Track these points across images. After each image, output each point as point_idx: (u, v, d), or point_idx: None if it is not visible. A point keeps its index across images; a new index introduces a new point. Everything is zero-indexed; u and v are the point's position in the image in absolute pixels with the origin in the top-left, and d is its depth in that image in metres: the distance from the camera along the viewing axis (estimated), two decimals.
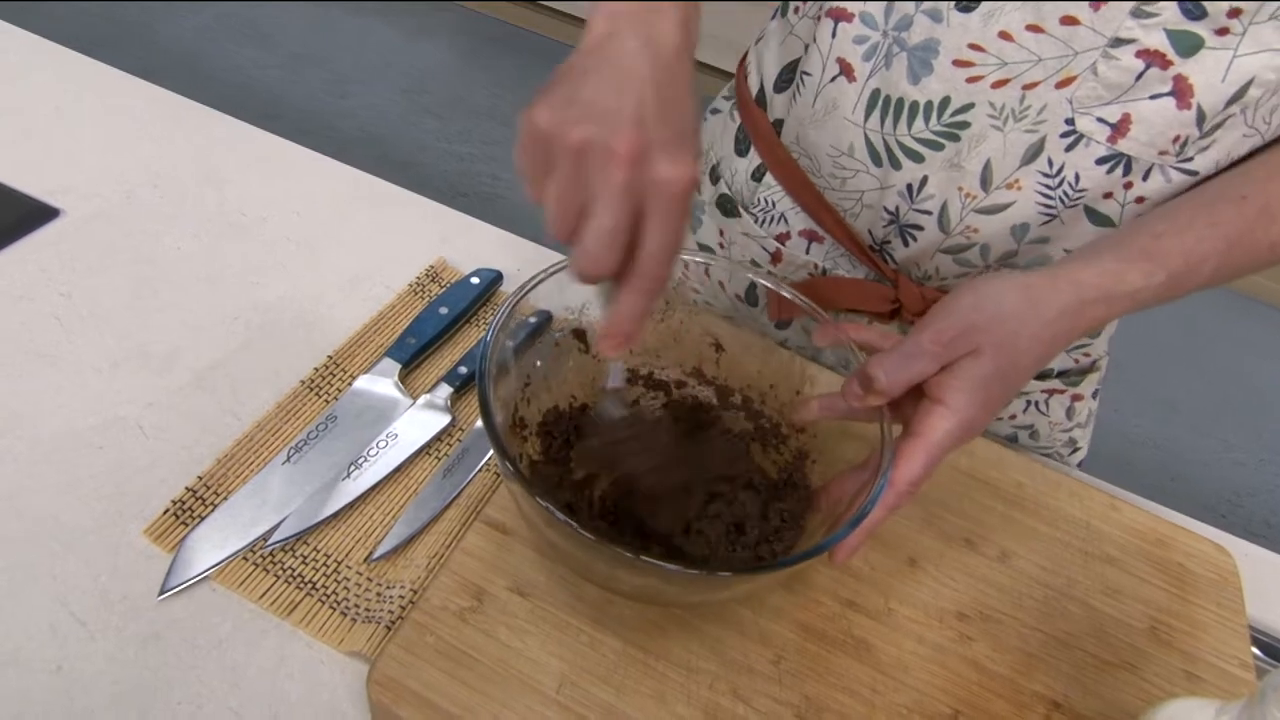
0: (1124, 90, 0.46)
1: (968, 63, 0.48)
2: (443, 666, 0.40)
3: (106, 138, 0.72)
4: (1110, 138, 0.48)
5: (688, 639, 0.43)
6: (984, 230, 0.53)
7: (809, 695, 0.42)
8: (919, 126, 0.51)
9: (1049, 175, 0.50)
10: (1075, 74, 0.47)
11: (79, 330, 0.57)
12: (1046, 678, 0.46)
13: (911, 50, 0.50)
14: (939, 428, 0.40)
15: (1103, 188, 0.50)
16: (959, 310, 0.41)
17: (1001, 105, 0.49)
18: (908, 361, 0.41)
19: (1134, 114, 0.47)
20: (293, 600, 0.46)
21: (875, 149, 0.54)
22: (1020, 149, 0.50)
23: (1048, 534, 0.53)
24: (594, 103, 0.32)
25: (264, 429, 0.53)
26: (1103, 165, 0.49)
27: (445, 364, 0.59)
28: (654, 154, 0.32)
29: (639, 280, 0.34)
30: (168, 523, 0.48)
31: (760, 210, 0.63)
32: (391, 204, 0.73)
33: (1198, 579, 0.53)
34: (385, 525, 0.50)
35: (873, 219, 0.57)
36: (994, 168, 0.51)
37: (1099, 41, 0.45)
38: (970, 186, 0.52)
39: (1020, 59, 0.47)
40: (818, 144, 0.57)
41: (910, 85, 0.50)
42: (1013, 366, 0.41)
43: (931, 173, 0.52)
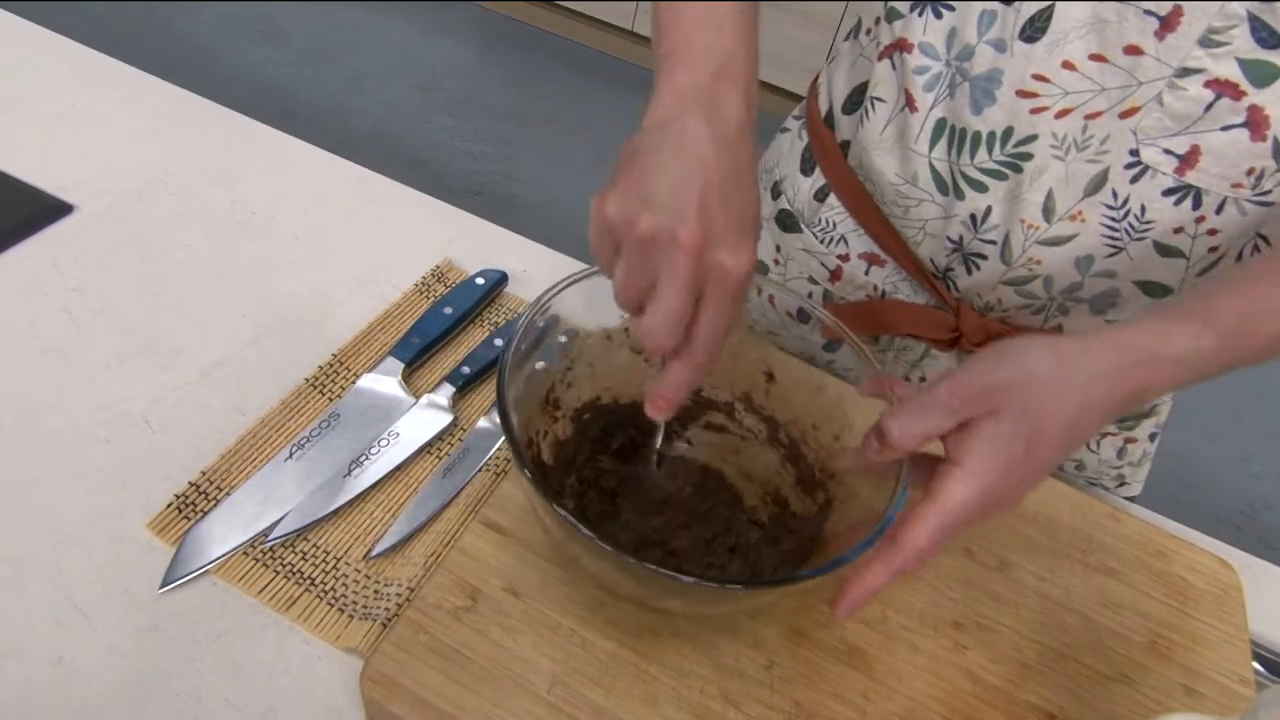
0: (1192, 121, 0.45)
1: (1031, 93, 0.48)
2: (436, 664, 0.40)
3: (120, 135, 0.73)
4: (1178, 169, 0.46)
5: (680, 643, 0.43)
6: (1047, 262, 0.52)
7: (800, 701, 0.42)
8: (982, 156, 0.51)
9: (1113, 207, 0.49)
10: (1140, 104, 0.45)
11: (88, 325, 0.58)
12: (1041, 689, 0.46)
13: (974, 80, 0.49)
14: (954, 492, 0.38)
15: (1172, 221, 0.48)
16: (981, 367, 0.39)
17: (1064, 135, 0.48)
18: (922, 414, 0.38)
19: (1203, 145, 0.45)
20: (292, 596, 0.46)
21: (941, 177, 0.53)
22: (1083, 180, 0.49)
23: (1047, 544, 0.53)
24: (660, 193, 0.35)
25: (268, 425, 0.54)
26: (1170, 197, 0.47)
27: (449, 364, 0.59)
28: (716, 244, 0.35)
29: (692, 356, 0.37)
30: (170, 516, 0.48)
31: (821, 230, 0.63)
32: (399, 203, 0.73)
33: (1199, 593, 0.52)
34: (385, 523, 0.50)
35: (935, 247, 0.57)
36: (1056, 198, 0.50)
37: (1165, 72, 0.44)
38: (1032, 218, 0.51)
39: (1083, 89, 0.46)
40: (882, 171, 0.56)
41: (973, 115, 0.50)
42: (1037, 432, 0.38)
43: (995, 203, 0.52)
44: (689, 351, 0.37)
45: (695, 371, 0.37)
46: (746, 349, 0.51)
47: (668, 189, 0.34)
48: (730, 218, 0.35)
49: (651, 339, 0.36)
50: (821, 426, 0.49)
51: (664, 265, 0.34)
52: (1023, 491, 0.39)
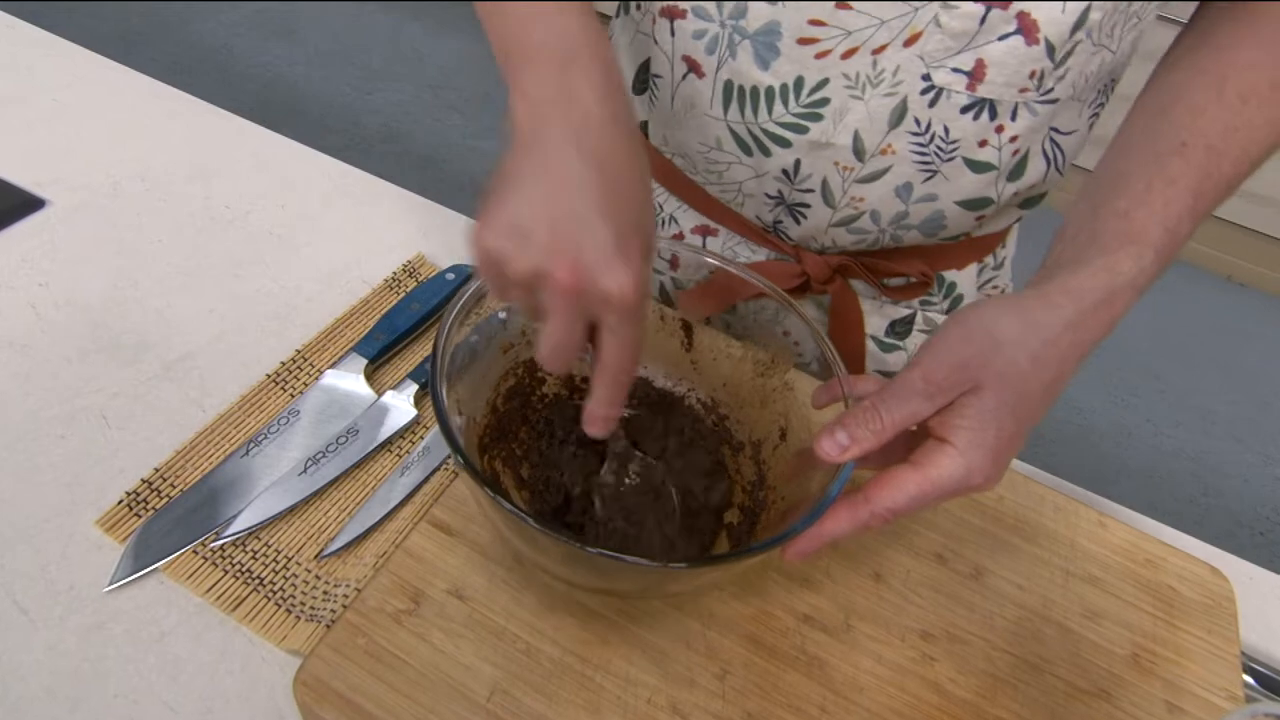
0: (971, 37, 0.45)
1: (812, 39, 0.47)
2: (371, 669, 0.39)
3: (98, 130, 0.72)
4: (969, 85, 0.47)
5: (629, 650, 0.42)
6: (869, 198, 0.53)
7: (751, 712, 0.40)
8: (779, 111, 0.50)
9: (918, 134, 0.49)
10: (920, 29, 0.45)
11: (53, 319, 0.57)
12: (1012, 703, 0.43)
13: (754, 36, 0.48)
14: (945, 467, 0.37)
15: (975, 135, 0.49)
16: (948, 345, 0.38)
17: (856, 74, 0.47)
18: (902, 400, 0.38)
19: (987, 58, 0.46)
20: (239, 596, 0.45)
21: (741, 139, 0.52)
22: (884, 114, 0.49)
23: (1027, 551, 0.50)
24: (527, 229, 0.33)
25: (226, 421, 0.53)
26: (968, 114, 0.48)
27: (415, 360, 0.58)
28: (592, 273, 0.33)
29: (604, 376, 0.36)
30: (121, 514, 0.48)
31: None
32: (376, 198, 0.72)
33: (1188, 603, 0.50)
34: (340, 522, 0.49)
35: (758, 206, 0.57)
36: (863, 138, 0.50)
37: None
38: (845, 160, 0.51)
39: (863, 25, 0.46)
40: (686, 142, 0.56)
41: (760, 71, 0.49)
42: (1020, 398, 0.38)
43: (803, 155, 0.51)
44: (600, 372, 0.36)
45: (613, 389, 0.37)
46: (780, 397, 0.48)
47: (534, 224, 0.33)
48: (601, 241, 0.33)
49: (547, 366, 0.36)
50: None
51: (549, 300, 0.34)
52: (1008, 463, 0.39)
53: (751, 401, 0.49)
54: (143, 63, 0.80)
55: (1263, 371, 2.17)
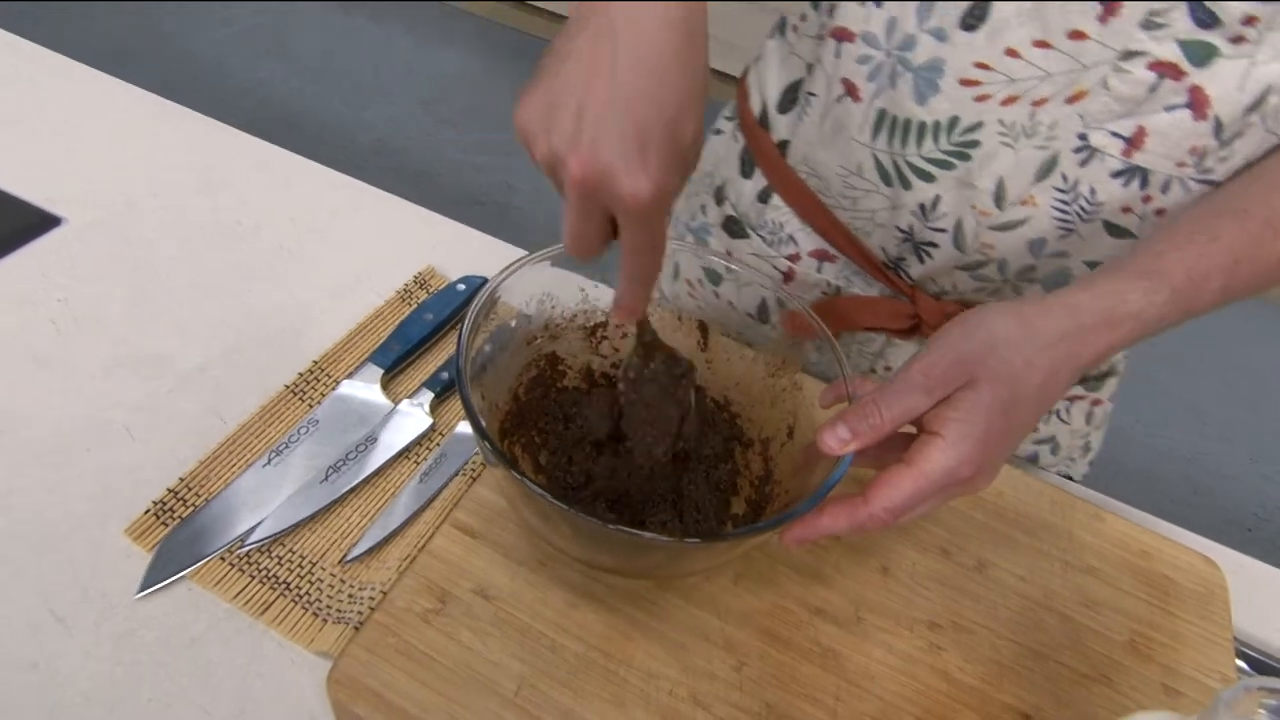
0: (1138, 104, 0.45)
1: (975, 81, 0.47)
2: (403, 667, 0.40)
3: (109, 148, 0.74)
4: (1125, 151, 0.47)
5: (650, 644, 0.43)
6: (1000, 247, 0.52)
7: (770, 702, 0.42)
8: (928, 146, 0.50)
9: (1064, 191, 0.49)
10: (1086, 89, 0.46)
11: (74, 335, 0.58)
12: (1018, 689, 0.45)
13: (917, 70, 0.49)
14: (934, 459, 0.38)
15: (1120, 201, 0.48)
16: (948, 343, 0.40)
17: (1012, 123, 0.48)
18: (901, 395, 0.39)
19: (1149, 127, 0.46)
20: (266, 600, 0.47)
21: (885, 169, 0.53)
22: (1033, 165, 0.49)
23: (1027, 544, 0.52)
24: (558, 110, 0.33)
25: (247, 432, 0.54)
26: (1118, 179, 0.48)
27: (429, 369, 0.60)
28: (611, 171, 0.32)
29: (626, 267, 0.37)
30: (148, 523, 0.49)
31: (768, 232, 0.63)
32: (385, 211, 0.74)
33: (1182, 591, 0.52)
34: (361, 528, 0.51)
35: (886, 237, 0.57)
36: (1007, 185, 0.50)
37: (1108, 55, 0.44)
38: (984, 204, 0.51)
39: (1028, 75, 0.46)
40: (827, 164, 0.56)
41: (917, 105, 0.50)
42: (1013, 398, 0.39)
43: (944, 192, 0.52)
44: (623, 266, 0.37)
45: (636, 284, 0.38)
46: (789, 396, 0.50)
47: (562, 108, 0.32)
48: (624, 139, 0.32)
49: (567, 250, 0.36)
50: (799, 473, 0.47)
51: (562, 183, 0.34)
52: (999, 463, 0.40)
53: (762, 400, 0.51)
54: (134, 80, 0.80)
55: (1250, 373, 2.20)
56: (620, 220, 0.34)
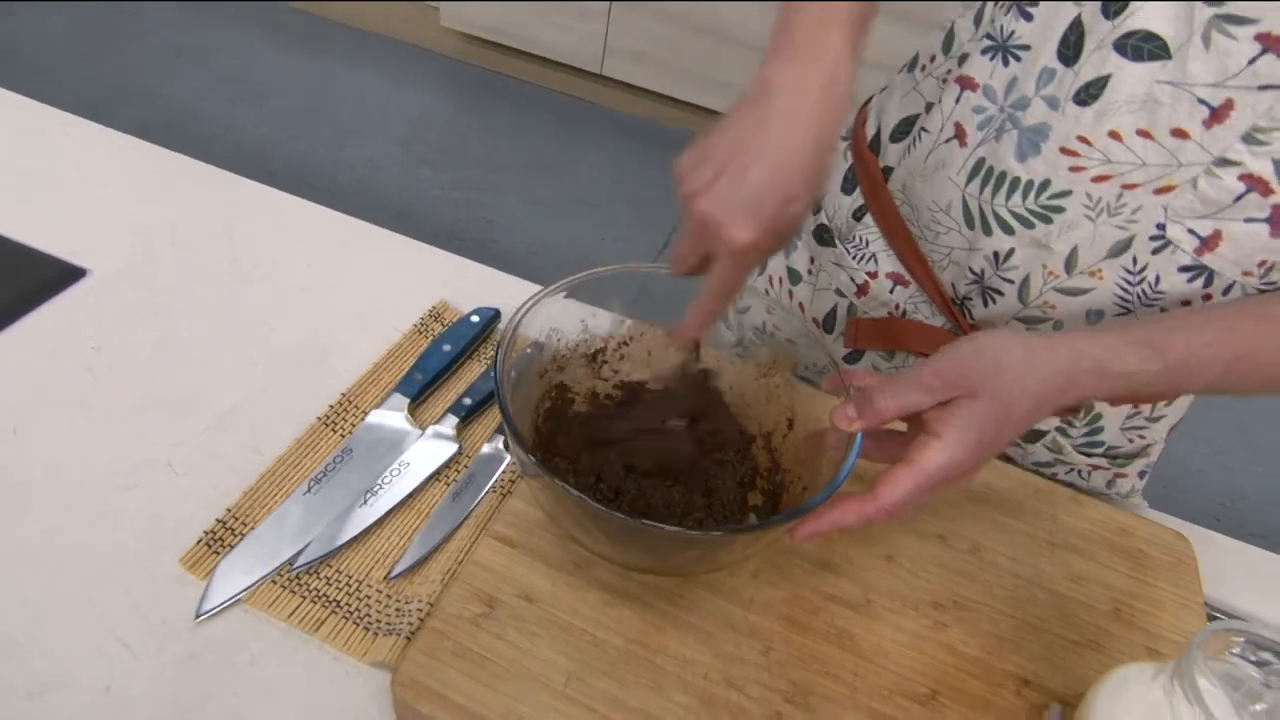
0: (1220, 208, 0.48)
1: (1074, 152, 0.51)
2: (460, 667, 0.44)
3: (123, 199, 0.77)
4: (1198, 250, 0.50)
5: (683, 635, 0.47)
6: (1060, 308, 0.56)
7: (795, 681, 0.46)
8: (1016, 201, 0.54)
9: (1131, 272, 0.52)
10: (1175, 184, 0.48)
11: (108, 379, 0.61)
12: (1017, 658, 0.49)
13: (1024, 130, 0.52)
14: (931, 458, 0.43)
15: (1182, 295, 0.52)
16: (960, 354, 0.44)
17: (1098, 198, 0.51)
18: (907, 390, 0.44)
19: (1225, 232, 0.49)
20: (319, 618, 0.50)
21: (970, 212, 0.57)
22: (1108, 242, 0.52)
23: (1015, 528, 0.57)
24: (705, 162, 0.44)
25: (285, 463, 0.57)
26: (1185, 274, 0.51)
27: (451, 396, 0.63)
28: (725, 219, 0.42)
29: (703, 295, 0.45)
30: (200, 552, 0.52)
31: (854, 246, 0.67)
32: (393, 250, 0.78)
33: (1157, 563, 0.57)
34: (401, 546, 0.54)
35: (958, 275, 0.60)
36: (1080, 254, 0.53)
37: (1205, 158, 0.47)
38: (1054, 266, 0.54)
39: (1125, 160, 0.49)
40: (921, 196, 0.60)
41: (1016, 161, 0.53)
42: (1005, 415, 0.43)
43: (1019, 246, 0.55)
44: (703, 290, 0.45)
45: (701, 316, 0.46)
46: (782, 393, 0.55)
47: (711, 161, 0.43)
48: (749, 194, 0.42)
49: (669, 261, 0.47)
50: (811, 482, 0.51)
51: (682, 217, 0.44)
52: (986, 459, 0.45)
53: (757, 399, 0.56)
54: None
55: None
56: (717, 255, 0.43)
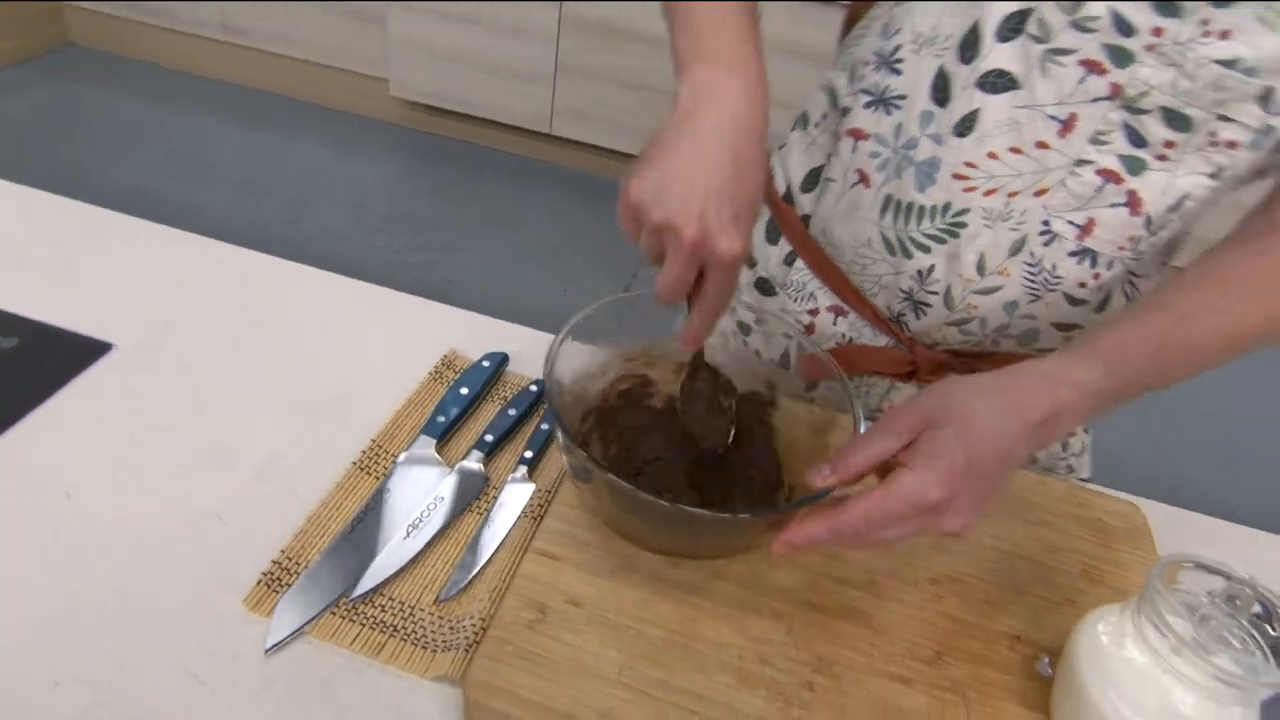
0: (1088, 200, 0.58)
1: (964, 176, 0.60)
2: (523, 667, 0.48)
3: (135, 276, 0.81)
4: (1078, 236, 0.59)
5: (715, 623, 0.53)
6: (982, 307, 0.65)
7: (819, 654, 0.52)
8: (925, 225, 0.63)
9: (1031, 265, 0.61)
10: (1049, 186, 0.58)
11: (149, 442, 0.65)
12: (1007, 619, 0.56)
13: (918, 165, 0.61)
14: (901, 481, 0.45)
15: (1076, 277, 0.61)
16: (919, 399, 0.49)
17: (991, 209, 0.60)
18: (876, 440, 0.47)
19: (1097, 218, 0.58)
20: (379, 642, 0.54)
21: (890, 242, 0.65)
22: (1007, 244, 0.61)
23: (993, 510, 0.64)
24: (670, 189, 0.45)
25: (328, 506, 0.62)
26: (1073, 258, 0.60)
27: (473, 435, 0.69)
28: (712, 235, 0.45)
29: (701, 309, 0.49)
30: (261, 592, 0.56)
31: (793, 290, 0.75)
32: (396, 307, 0.83)
33: (1116, 530, 0.64)
34: (446, 572, 0.58)
35: (890, 297, 0.69)
36: (987, 259, 0.62)
37: (1066, 161, 0.57)
38: (968, 273, 0.63)
39: (1004, 174, 0.59)
40: (841, 236, 0.68)
41: (917, 193, 0.62)
42: (975, 445, 0.45)
43: (937, 262, 0.64)
44: (699, 305, 0.49)
45: (707, 319, 0.50)
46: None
47: (678, 188, 0.45)
48: (725, 209, 0.45)
49: (662, 296, 0.48)
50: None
51: (671, 247, 0.46)
52: (974, 502, 0.46)
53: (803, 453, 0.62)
54: None
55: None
56: (711, 271, 0.47)
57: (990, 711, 0.51)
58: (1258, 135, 0.53)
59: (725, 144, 0.46)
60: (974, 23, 0.57)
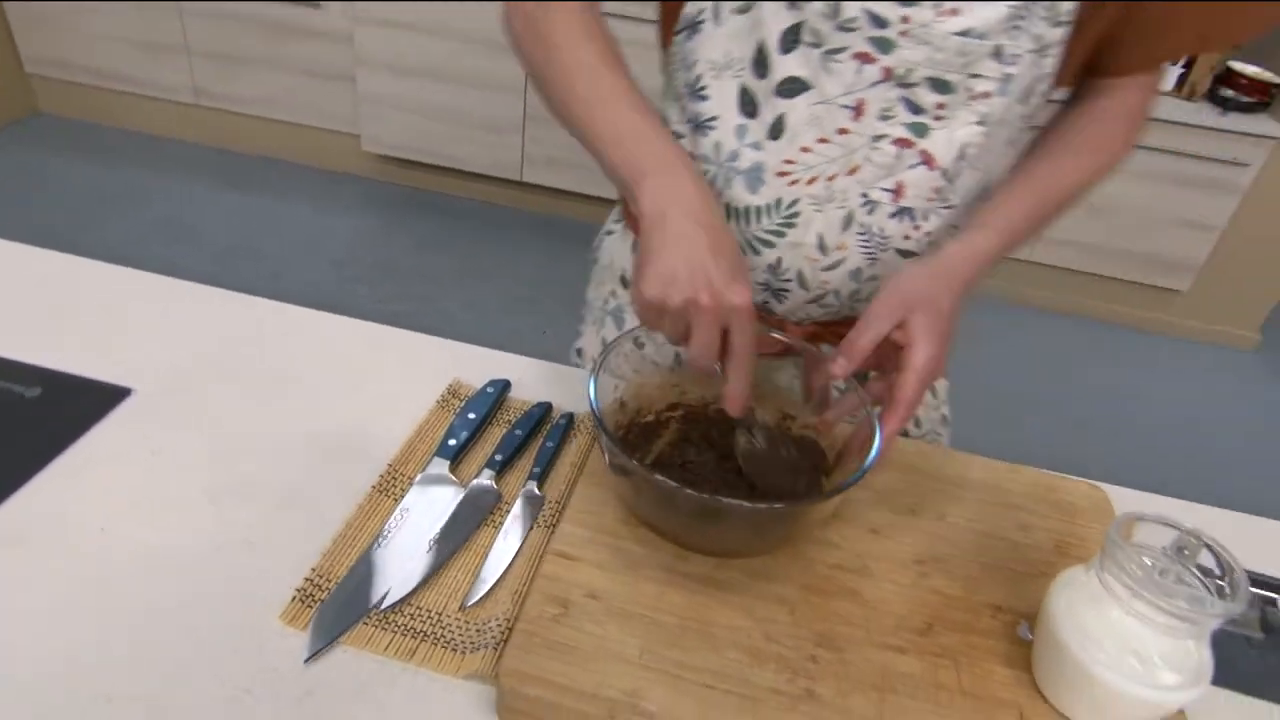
0: (892, 168, 0.67)
1: (786, 173, 0.69)
2: (551, 655, 0.52)
3: (147, 324, 0.85)
4: (893, 199, 0.69)
5: (724, 610, 0.57)
6: (832, 281, 0.74)
7: (820, 632, 0.56)
8: (765, 223, 0.71)
9: (864, 234, 0.71)
10: (858, 164, 0.67)
11: (174, 478, 0.68)
12: (988, 591, 0.61)
13: (745, 173, 0.70)
14: (919, 355, 0.59)
15: (900, 234, 0.71)
16: (889, 289, 0.62)
17: (816, 195, 0.69)
18: (868, 326, 0.60)
19: (904, 180, 0.68)
20: (411, 648, 0.58)
21: (740, 243, 0.73)
22: (837, 222, 0.70)
23: (969, 497, 0.70)
24: (678, 275, 0.55)
25: (353, 527, 0.65)
26: (894, 219, 0.70)
27: (483, 455, 0.73)
28: (722, 293, 0.54)
29: (736, 365, 0.57)
30: (296, 608, 0.59)
31: None
32: (403, 343, 0.88)
33: (1083, 509, 0.70)
34: (468, 581, 0.62)
35: (753, 290, 0.76)
36: (825, 239, 0.71)
37: (865, 140, 0.66)
38: (813, 255, 0.72)
39: (819, 163, 0.68)
40: None
41: (751, 195, 0.70)
42: (941, 310, 0.61)
43: (783, 254, 0.73)
44: (733, 363, 0.56)
45: (744, 374, 0.57)
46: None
47: (682, 271, 0.54)
48: (724, 272, 0.54)
49: (698, 363, 0.57)
50: None
51: (695, 319, 0.54)
52: (949, 347, 0.62)
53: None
54: None
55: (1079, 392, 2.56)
56: (733, 324, 0.55)
57: (979, 672, 0.55)
58: (1002, 83, 0.64)
59: (699, 226, 0.56)
60: (759, 43, 0.65)
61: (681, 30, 0.70)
